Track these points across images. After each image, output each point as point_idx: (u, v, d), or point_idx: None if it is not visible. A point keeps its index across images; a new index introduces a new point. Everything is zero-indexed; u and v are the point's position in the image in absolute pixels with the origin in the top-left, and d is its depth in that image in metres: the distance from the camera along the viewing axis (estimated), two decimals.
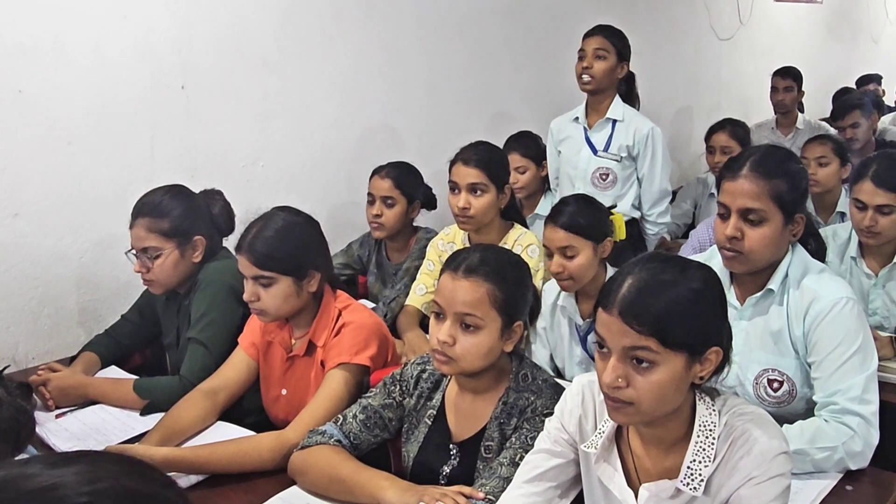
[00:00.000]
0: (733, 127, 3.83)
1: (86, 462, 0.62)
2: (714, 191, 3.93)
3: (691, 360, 1.22)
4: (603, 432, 1.35)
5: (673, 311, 1.20)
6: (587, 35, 3.17)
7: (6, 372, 2.08)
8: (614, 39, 3.13)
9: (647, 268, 1.24)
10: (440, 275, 1.63)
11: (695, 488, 1.25)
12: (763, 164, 1.77)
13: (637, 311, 1.20)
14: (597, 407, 1.40)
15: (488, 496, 1.48)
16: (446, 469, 1.67)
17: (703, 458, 1.25)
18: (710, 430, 1.27)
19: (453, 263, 1.61)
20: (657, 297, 1.20)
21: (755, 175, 1.76)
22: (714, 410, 1.29)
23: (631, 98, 3.27)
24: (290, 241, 1.94)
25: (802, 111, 5.00)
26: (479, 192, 2.48)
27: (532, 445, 1.50)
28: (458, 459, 1.66)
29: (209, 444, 1.82)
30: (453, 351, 1.56)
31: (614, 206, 2.41)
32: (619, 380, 1.21)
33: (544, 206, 3.34)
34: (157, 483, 0.64)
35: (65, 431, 1.97)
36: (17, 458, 0.65)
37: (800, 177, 1.82)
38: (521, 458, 1.50)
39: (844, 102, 4.53)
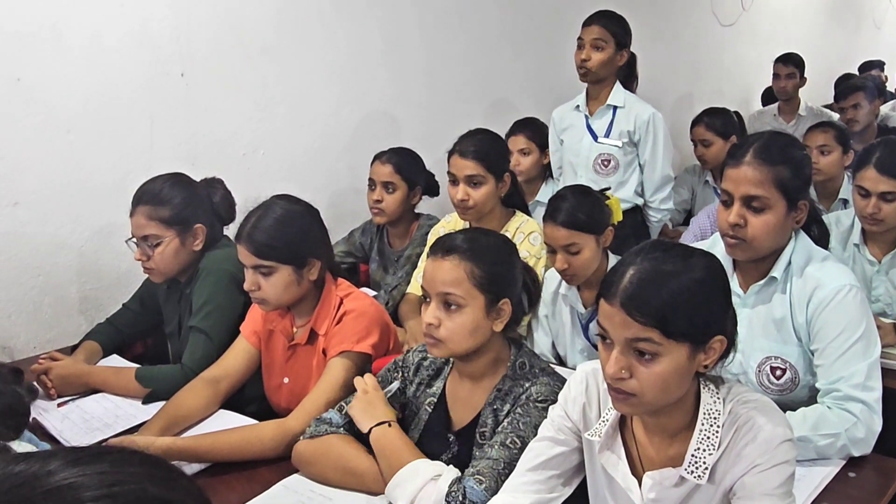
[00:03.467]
0: (710, 118, 3.79)
1: (109, 462, 0.60)
2: (709, 178, 3.93)
3: (695, 349, 1.22)
4: (607, 421, 1.34)
5: (675, 302, 1.18)
6: (585, 24, 3.12)
7: None
8: (613, 27, 3.07)
9: (650, 258, 1.23)
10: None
11: (699, 476, 1.24)
12: (766, 151, 1.76)
13: (639, 302, 1.18)
14: (601, 395, 1.39)
15: (478, 476, 1.46)
16: (445, 457, 1.66)
17: (708, 445, 1.25)
18: (715, 418, 1.26)
19: (434, 247, 1.64)
20: (659, 288, 1.19)
21: (758, 162, 1.75)
22: (718, 398, 1.28)
23: (630, 79, 3.22)
24: (290, 229, 1.93)
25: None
26: (477, 184, 2.45)
27: (522, 430, 1.51)
28: (457, 447, 1.67)
29: (211, 433, 1.82)
30: (440, 332, 1.58)
31: (608, 189, 2.39)
32: (623, 371, 1.21)
33: (545, 193, 3.33)
34: (180, 490, 0.63)
35: (67, 420, 1.96)
36: (39, 451, 0.63)
37: (803, 163, 1.81)
38: (512, 442, 1.51)
39: (848, 84, 4.52)
